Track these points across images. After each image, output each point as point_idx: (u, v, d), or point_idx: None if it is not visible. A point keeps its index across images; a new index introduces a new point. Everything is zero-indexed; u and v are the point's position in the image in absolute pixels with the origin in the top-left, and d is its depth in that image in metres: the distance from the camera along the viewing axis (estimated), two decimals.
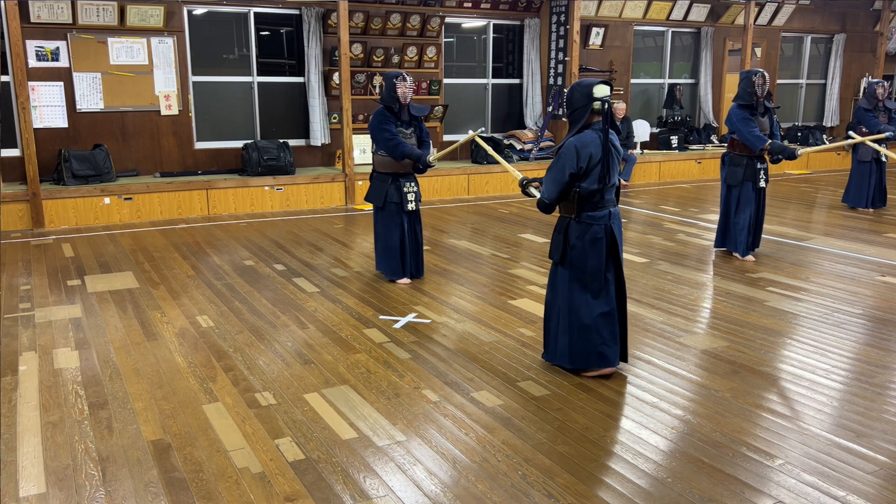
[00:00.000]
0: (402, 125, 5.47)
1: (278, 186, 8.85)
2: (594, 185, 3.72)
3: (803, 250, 6.80)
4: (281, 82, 9.62)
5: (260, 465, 2.99)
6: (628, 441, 3.19)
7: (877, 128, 8.55)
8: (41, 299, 5.28)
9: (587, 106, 3.69)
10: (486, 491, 2.80)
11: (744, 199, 6.31)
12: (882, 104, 8.68)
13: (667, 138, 11.93)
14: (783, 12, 12.81)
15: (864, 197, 8.87)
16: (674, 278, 5.83)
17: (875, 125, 8.57)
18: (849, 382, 3.82)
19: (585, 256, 3.80)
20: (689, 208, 9.07)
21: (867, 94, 8.76)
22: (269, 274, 5.96)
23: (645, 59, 12.29)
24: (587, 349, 3.85)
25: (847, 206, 9.04)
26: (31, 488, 2.84)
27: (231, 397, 3.63)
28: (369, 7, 9.59)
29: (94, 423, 3.35)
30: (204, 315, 4.91)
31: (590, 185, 3.72)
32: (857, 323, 4.76)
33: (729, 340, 4.43)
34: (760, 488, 2.82)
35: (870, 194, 8.85)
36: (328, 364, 4.06)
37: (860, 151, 8.87)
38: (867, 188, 8.85)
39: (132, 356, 4.18)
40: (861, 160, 8.88)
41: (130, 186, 8.19)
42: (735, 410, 3.49)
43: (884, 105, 8.70)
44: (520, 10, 10.82)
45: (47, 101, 8.21)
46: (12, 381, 3.83)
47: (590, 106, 3.68)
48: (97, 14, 8.22)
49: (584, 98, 3.70)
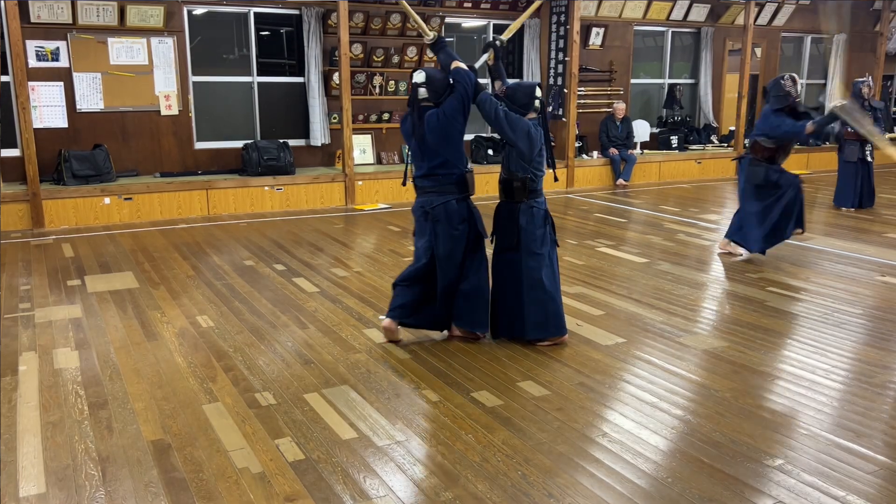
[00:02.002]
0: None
1: (278, 186, 8.85)
2: (541, 172, 4.30)
3: (803, 250, 6.80)
4: (281, 82, 9.62)
5: (260, 465, 2.99)
6: (628, 441, 3.18)
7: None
8: (41, 299, 5.28)
9: (530, 104, 4.20)
10: (486, 491, 2.80)
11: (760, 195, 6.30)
12: (868, 103, 8.68)
13: (667, 138, 11.93)
14: (783, 12, 12.81)
15: (851, 197, 8.88)
16: (674, 278, 5.83)
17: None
18: (849, 382, 3.82)
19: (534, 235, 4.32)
20: (689, 208, 9.07)
21: (852, 93, 8.77)
22: (269, 274, 5.96)
23: (645, 59, 12.29)
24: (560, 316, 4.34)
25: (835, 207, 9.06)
26: (31, 488, 2.84)
27: (231, 397, 3.63)
28: (369, 7, 9.58)
29: (94, 423, 3.35)
30: (204, 315, 4.91)
31: (538, 170, 4.28)
32: (857, 323, 4.76)
33: (729, 340, 4.43)
34: (760, 488, 2.82)
35: (856, 194, 8.85)
36: (328, 364, 4.06)
37: (846, 151, 8.88)
38: (853, 188, 8.86)
39: (132, 356, 4.18)
40: (847, 160, 8.89)
41: (130, 186, 8.19)
42: (735, 410, 3.49)
43: (869, 104, 8.70)
44: (520, 10, 10.81)
45: (47, 101, 8.21)
46: (12, 381, 3.83)
47: (532, 104, 4.19)
48: (97, 14, 8.22)
49: (526, 97, 4.21)
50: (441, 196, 4.15)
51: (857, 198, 8.85)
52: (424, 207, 4.20)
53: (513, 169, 4.23)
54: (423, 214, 4.21)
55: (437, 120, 4.07)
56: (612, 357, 4.15)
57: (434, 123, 4.07)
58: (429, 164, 4.15)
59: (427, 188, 4.20)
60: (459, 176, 4.17)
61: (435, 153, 4.12)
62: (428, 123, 4.08)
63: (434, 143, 4.09)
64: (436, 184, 4.16)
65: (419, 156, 4.18)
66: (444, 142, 4.10)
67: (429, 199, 4.18)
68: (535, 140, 4.16)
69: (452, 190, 4.17)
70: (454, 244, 4.18)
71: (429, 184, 4.18)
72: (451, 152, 4.14)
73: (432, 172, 4.16)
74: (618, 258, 6.50)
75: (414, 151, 4.22)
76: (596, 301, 5.20)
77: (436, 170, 4.15)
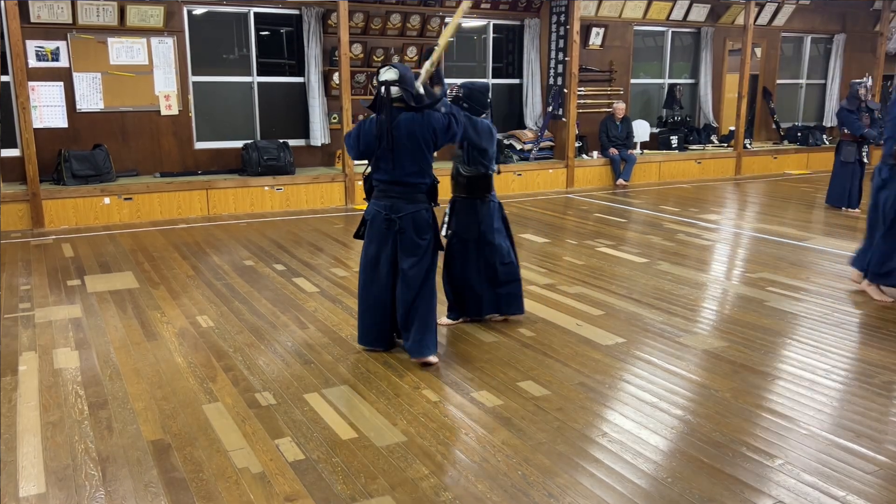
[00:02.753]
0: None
1: (278, 186, 8.85)
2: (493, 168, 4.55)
3: (803, 250, 6.80)
4: (281, 82, 9.62)
5: (260, 465, 2.99)
6: (628, 441, 3.18)
7: (860, 130, 8.60)
8: (41, 299, 5.27)
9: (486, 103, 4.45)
10: (486, 491, 2.80)
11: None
12: (864, 104, 8.69)
13: (667, 138, 11.92)
14: (783, 12, 12.81)
15: (844, 197, 8.91)
16: (674, 278, 5.83)
17: (858, 127, 8.62)
18: (849, 382, 3.82)
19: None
20: (688, 208, 9.07)
21: (849, 94, 8.79)
22: (269, 274, 5.96)
23: (645, 59, 12.29)
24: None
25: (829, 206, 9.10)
26: (31, 488, 2.84)
27: (231, 397, 3.63)
28: (369, 7, 9.58)
29: (94, 423, 3.35)
30: (204, 315, 4.91)
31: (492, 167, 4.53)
32: (857, 323, 4.76)
33: (729, 340, 4.43)
34: (760, 488, 2.82)
35: (851, 195, 8.89)
36: (328, 364, 4.06)
37: (843, 152, 8.90)
38: (848, 189, 8.90)
39: (132, 356, 4.18)
40: (844, 161, 8.91)
41: (130, 186, 8.19)
42: (735, 410, 3.49)
43: (866, 105, 8.71)
44: (520, 10, 10.81)
45: (47, 101, 8.21)
46: (12, 381, 3.83)
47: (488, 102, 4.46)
48: (97, 14, 8.22)
49: (484, 96, 4.44)
50: (412, 204, 3.95)
51: (849, 198, 8.89)
52: (388, 215, 3.95)
53: (472, 166, 4.48)
54: (386, 222, 3.96)
55: (422, 127, 3.85)
56: (612, 357, 4.15)
57: (419, 130, 3.84)
58: (401, 170, 3.90)
59: (393, 194, 3.95)
60: (431, 185, 4.00)
61: (411, 160, 3.88)
62: (406, 128, 3.83)
63: (413, 149, 3.86)
64: (406, 191, 3.94)
65: (387, 160, 3.88)
66: (426, 150, 3.90)
67: (394, 204, 3.94)
68: (495, 137, 4.50)
69: (423, 199, 3.99)
70: (421, 255, 3.99)
71: (398, 190, 3.94)
72: (427, 161, 3.95)
73: (403, 180, 3.92)
74: (618, 258, 6.50)
75: (380, 155, 3.90)
76: (596, 301, 5.20)
77: (408, 177, 3.92)
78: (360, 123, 3.99)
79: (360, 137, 3.95)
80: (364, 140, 3.93)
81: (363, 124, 3.96)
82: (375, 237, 4.02)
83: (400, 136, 3.83)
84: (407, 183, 3.93)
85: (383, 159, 3.91)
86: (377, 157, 3.93)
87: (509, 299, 4.67)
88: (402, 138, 3.84)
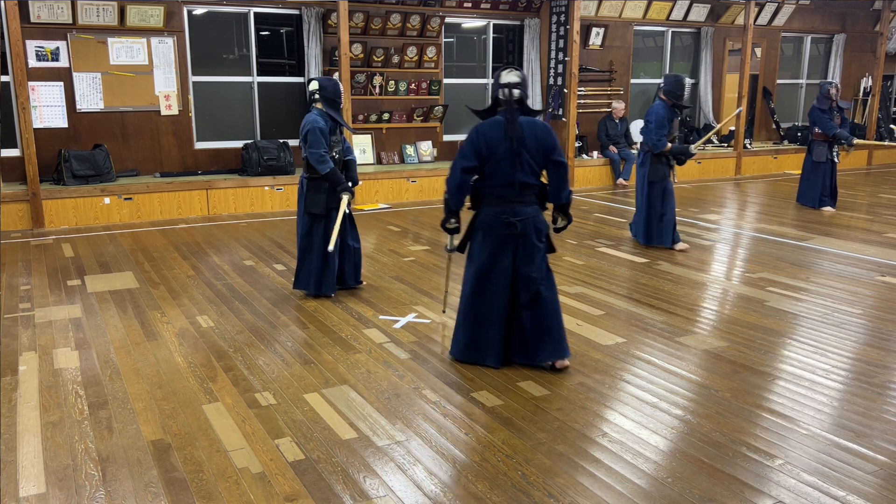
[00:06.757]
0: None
1: (278, 186, 8.85)
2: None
3: (803, 250, 6.80)
4: (281, 82, 9.62)
5: (260, 465, 2.99)
6: (628, 441, 3.19)
7: (832, 130, 8.64)
8: (41, 299, 5.28)
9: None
10: (486, 491, 2.80)
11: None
12: (836, 104, 8.73)
13: None
14: (783, 12, 12.81)
15: (816, 196, 8.96)
16: (674, 278, 5.83)
17: (830, 127, 8.66)
18: (849, 382, 3.82)
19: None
20: (689, 208, 9.06)
21: (820, 94, 8.82)
22: (269, 274, 5.96)
23: (645, 59, 12.29)
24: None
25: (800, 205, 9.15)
26: (31, 488, 2.84)
27: (231, 397, 3.63)
28: (369, 7, 9.59)
29: (94, 423, 3.35)
30: (204, 315, 4.91)
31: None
32: (857, 323, 4.76)
33: (729, 340, 4.43)
34: (760, 488, 2.82)
35: (824, 194, 8.93)
36: (328, 364, 4.06)
37: (815, 152, 8.93)
38: (819, 188, 8.93)
39: (132, 356, 4.18)
40: (816, 160, 8.94)
41: (130, 186, 8.19)
42: (735, 410, 3.49)
43: (837, 105, 8.75)
44: (520, 10, 10.82)
45: (47, 101, 8.21)
46: (12, 381, 3.83)
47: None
48: (97, 14, 8.22)
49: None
50: (530, 207, 3.88)
51: (821, 197, 8.93)
52: (508, 219, 3.83)
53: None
54: (507, 227, 3.84)
55: (542, 130, 3.82)
56: (612, 357, 4.15)
57: (539, 132, 3.81)
58: (522, 172, 3.80)
59: (512, 198, 3.84)
60: (543, 188, 3.93)
61: (533, 161, 3.81)
62: (528, 129, 3.79)
63: (533, 151, 3.80)
64: (525, 194, 3.85)
65: (508, 163, 3.78)
66: (544, 153, 3.83)
67: (514, 209, 3.84)
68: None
69: (536, 202, 3.91)
70: (542, 257, 3.92)
71: (517, 193, 3.84)
72: (542, 165, 3.87)
73: (523, 180, 3.82)
74: (618, 258, 6.50)
75: (501, 157, 3.79)
76: (596, 301, 5.20)
77: (528, 178, 3.83)
78: (470, 134, 3.86)
79: (478, 143, 3.79)
80: (487, 144, 3.79)
81: (478, 130, 3.83)
82: (491, 244, 3.89)
83: (524, 137, 3.78)
84: (526, 184, 3.83)
85: (504, 162, 3.79)
86: (496, 161, 3.80)
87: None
88: (525, 139, 3.78)
